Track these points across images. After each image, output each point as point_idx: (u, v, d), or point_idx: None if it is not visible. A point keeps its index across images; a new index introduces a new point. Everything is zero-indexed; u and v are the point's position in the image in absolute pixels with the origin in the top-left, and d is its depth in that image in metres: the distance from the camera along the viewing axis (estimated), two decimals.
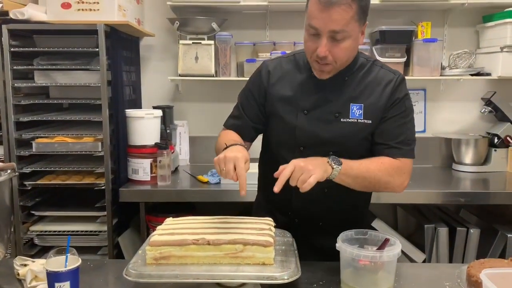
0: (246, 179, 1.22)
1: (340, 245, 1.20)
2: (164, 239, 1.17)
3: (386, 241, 1.20)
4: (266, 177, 1.58)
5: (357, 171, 1.33)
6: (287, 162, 1.40)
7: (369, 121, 1.40)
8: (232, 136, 1.50)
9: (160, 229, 1.25)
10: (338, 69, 1.37)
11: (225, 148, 1.33)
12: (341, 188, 1.34)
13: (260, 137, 1.62)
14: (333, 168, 1.28)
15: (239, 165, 1.22)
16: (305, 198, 1.38)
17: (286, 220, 1.51)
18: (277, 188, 1.20)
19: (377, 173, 1.36)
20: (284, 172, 1.22)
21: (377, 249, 1.20)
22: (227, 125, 1.59)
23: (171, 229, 1.24)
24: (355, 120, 1.40)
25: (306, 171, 1.21)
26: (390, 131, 1.41)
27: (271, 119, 1.50)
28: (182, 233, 1.20)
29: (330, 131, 1.41)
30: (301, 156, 1.39)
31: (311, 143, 1.42)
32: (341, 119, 1.40)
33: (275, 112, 1.47)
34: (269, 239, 1.16)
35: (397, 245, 1.19)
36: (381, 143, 1.42)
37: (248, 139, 1.55)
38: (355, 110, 1.40)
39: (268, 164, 1.55)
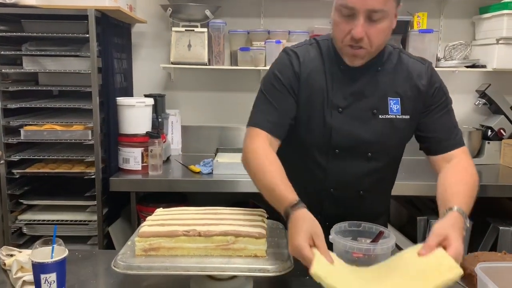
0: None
1: (333, 237, 1.18)
2: (154, 230, 1.14)
3: (380, 233, 1.19)
4: (289, 179, 1.29)
5: (470, 204, 1.20)
6: (319, 164, 1.33)
7: (407, 117, 1.30)
8: (277, 170, 1.21)
9: (150, 219, 1.23)
10: (372, 55, 1.25)
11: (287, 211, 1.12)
12: (376, 189, 1.30)
13: None
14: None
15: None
16: (339, 202, 1.36)
17: None
18: None
19: (473, 192, 1.23)
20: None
21: (371, 241, 1.19)
22: (260, 124, 1.28)
23: (161, 220, 1.21)
24: (394, 117, 1.29)
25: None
26: (438, 122, 1.32)
27: (301, 115, 1.32)
28: (172, 224, 1.17)
29: (368, 130, 1.29)
30: (335, 159, 1.31)
31: (348, 145, 1.30)
32: (379, 116, 1.29)
33: (305, 108, 1.30)
34: (262, 230, 1.14)
35: (391, 237, 1.17)
36: (433, 137, 1.32)
37: (282, 138, 1.31)
38: (392, 105, 1.29)
39: (292, 167, 1.29)
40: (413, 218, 2.45)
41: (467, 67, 2.66)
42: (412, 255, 1.05)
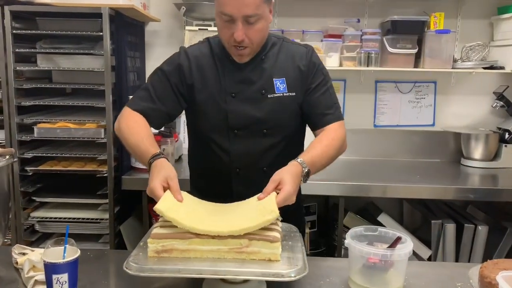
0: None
1: (349, 241, 1.15)
2: (167, 232, 1.13)
3: (397, 239, 1.16)
4: (198, 167, 1.61)
5: (319, 164, 1.37)
6: (222, 147, 1.47)
7: (293, 94, 1.46)
8: (143, 130, 1.41)
9: (162, 220, 1.21)
10: (256, 50, 1.42)
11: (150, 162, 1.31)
12: (278, 165, 1.35)
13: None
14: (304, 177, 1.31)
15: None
16: (246, 180, 1.47)
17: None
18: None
19: (329, 152, 1.41)
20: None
21: (388, 247, 1.16)
22: (136, 107, 1.45)
23: None
24: (281, 94, 1.45)
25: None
26: (318, 100, 1.47)
27: (198, 106, 1.47)
28: None
29: (260, 109, 1.44)
30: (235, 140, 1.45)
31: (244, 124, 1.45)
32: (268, 95, 1.44)
33: (201, 99, 1.46)
34: (276, 234, 1.11)
35: (409, 243, 1.15)
36: (314, 113, 1.48)
37: (156, 125, 1.51)
38: (279, 85, 1.45)
39: (200, 154, 1.57)
40: (427, 221, 2.41)
41: (485, 68, 2.61)
42: (254, 199, 1.24)
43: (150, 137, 1.39)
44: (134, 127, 1.41)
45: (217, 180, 1.50)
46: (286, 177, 1.23)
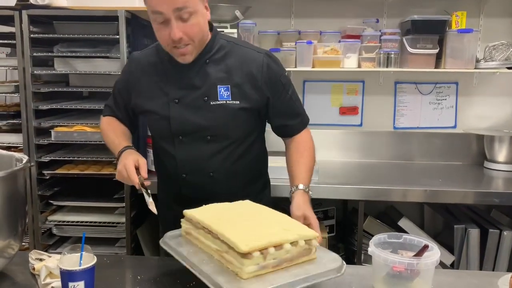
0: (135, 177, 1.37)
1: (373, 249, 1.11)
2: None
3: (424, 247, 1.11)
4: (156, 171, 1.66)
5: (310, 177, 1.46)
6: (169, 153, 1.49)
7: (237, 102, 1.41)
8: (117, 128, 1.59)
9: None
10: (198, 48, 1.38)
11: (121, 151, 1.45)
12: (225, 170, 1.43)
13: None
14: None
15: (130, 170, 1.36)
16: (194, 185, 1.48)
17: (180, 208, 1.37)
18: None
19: (312, 163, 1.50)
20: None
21: (414, 255, 1.11)
22: (105, 112, 1.65)
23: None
24: (224, 102, 1.40)
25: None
26: (281, 111, 1.48)
27: (145, 113, 1.51)
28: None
29: (202, 116, 1.41)
30: (180, 146, 1.45)
31: (187, 131, 1.44)
32: (211, 103, 1.41)
33: (147, 106, 1.48)
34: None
35: (436, 251, 1.10)
36: (280, 124, 1.51)
37: (125, 119, 1.61)
38: (222, 92, 1.41)
39: (155, 159, 1.64)
40: (449, 226, 2.35)
41: (509, 68, 2.53)
42: (279, 215, 1.24)
43: (120, 134, 1.54)
44: (108, 129, 1.58)
45: (168, 184, 1.56)
46: (308, 211, 1.33)
